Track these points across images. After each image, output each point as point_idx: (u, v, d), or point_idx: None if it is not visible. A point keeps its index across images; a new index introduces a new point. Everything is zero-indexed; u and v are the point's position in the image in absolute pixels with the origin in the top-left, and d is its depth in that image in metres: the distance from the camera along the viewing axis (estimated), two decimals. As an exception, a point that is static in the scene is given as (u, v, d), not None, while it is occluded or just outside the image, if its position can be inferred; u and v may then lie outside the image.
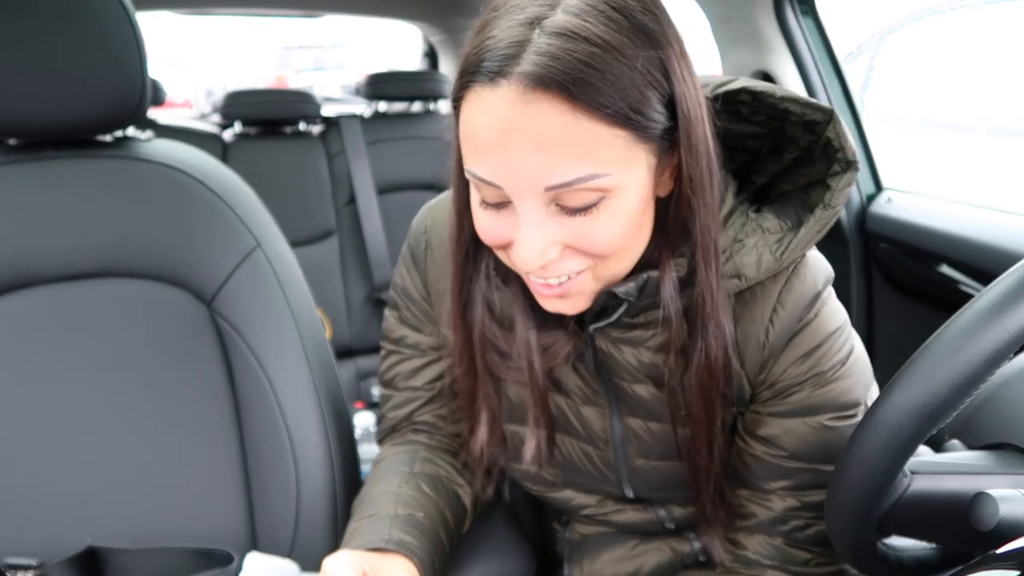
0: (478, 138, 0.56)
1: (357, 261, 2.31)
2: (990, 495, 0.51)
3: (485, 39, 0.55)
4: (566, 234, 0.58)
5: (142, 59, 0.89)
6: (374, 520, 0.73)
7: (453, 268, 0.71)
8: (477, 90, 0.55)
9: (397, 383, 0.85)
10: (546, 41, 0.52)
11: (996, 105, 2.95)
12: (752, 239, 0.65)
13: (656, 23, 0.56)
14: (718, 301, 0.63)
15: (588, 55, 0.52)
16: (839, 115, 0.63)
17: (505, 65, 0.53)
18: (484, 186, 0.58)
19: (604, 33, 0.53)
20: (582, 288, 0.63)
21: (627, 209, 0.58)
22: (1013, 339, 0.48)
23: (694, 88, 0.58)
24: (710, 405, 0.67)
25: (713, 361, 0.65)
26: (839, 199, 0.64)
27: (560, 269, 0.60)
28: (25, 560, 0.80)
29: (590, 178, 0.55)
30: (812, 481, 0.69)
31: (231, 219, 0.93)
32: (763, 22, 1.63)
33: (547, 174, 0.54)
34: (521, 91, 0.52)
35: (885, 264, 1.57)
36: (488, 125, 0.54)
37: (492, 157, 0.55)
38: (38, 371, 0.87)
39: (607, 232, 0.58)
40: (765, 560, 0.72)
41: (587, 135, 0.53)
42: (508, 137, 0.54)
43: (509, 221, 0.59)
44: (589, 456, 0.78)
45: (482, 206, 0.61)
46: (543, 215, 0.57)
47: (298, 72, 8.58)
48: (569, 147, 0.53)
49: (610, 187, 0.56)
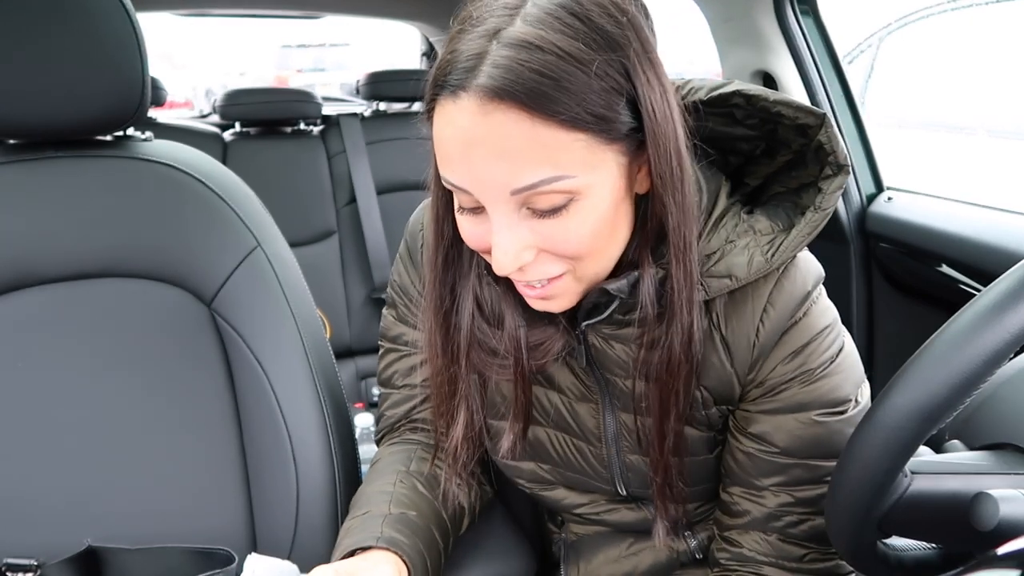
0: (446, 148, 0.58)
1: (357, 261, 2.31)
2: (990, 495, 0.51)
3: (449, 52, 0.57)
4: (538, 238, 0.59)
5: (142, 59, 0.89)
6: (367, 518, 0.73)
7: (431, 273, 0.71)
8: (442, 103, 0.56)
9: (395, 381, 0.85)
10: (502, 53, 0.54)
11: (996, 106, 2.95)
12: (744, 240, 0.66)
13: (616, 26, 0.56)
14: (687, 299, 0.64)
15: (542, 64, 0.53)
16: (831, 119, 0.64)
17: (465, 79, 0.55)
18: (459, 192, 0.60)
19: (560, 40, 0.54)
20: (564, 290, 0.64)
21: (598, 209, 0.59)
22: (1013, 339, 0.48)
23: (659, 87, 0.58)
24: (665, 399, 0.68)
25: (673, 356, 0.65)
26: (830, 202, 0.65)
27: (537, 272, 0.61)
28: (25, 560, 0.80)
29: (554, 180, 0.56)
30: (804, 477, 0.70)
31: (231, 219, 0.93)
32: (763, 22, 1.63)
33: (511, 179, 0.56)
34: (479, 103, 0.54)
35: (885, 264, 1.57)
36: (452, 136, 0.56)
37: (459, 166, 0.57)
38: (38, 371, 0.87)
39: (579, 233, 0.59)
40: (761, 556, 0.72)
41: (547, 141, 0.54)
42: (471, 147, 0.55)
43: (486, 227, 0.60)
44: (583, 453, 0.78)
45: (459, 211, 0.62)
46: (514, 219, 0.58)
47: (298, 72, 8.58)
48: (530, 153, 0.55)
49: (576, 189, 0.57)
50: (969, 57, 2.87)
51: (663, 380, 0.67)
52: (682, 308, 0.64)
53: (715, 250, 0.66)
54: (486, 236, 0.60)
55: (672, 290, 0.63)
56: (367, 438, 1.56)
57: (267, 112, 2.34)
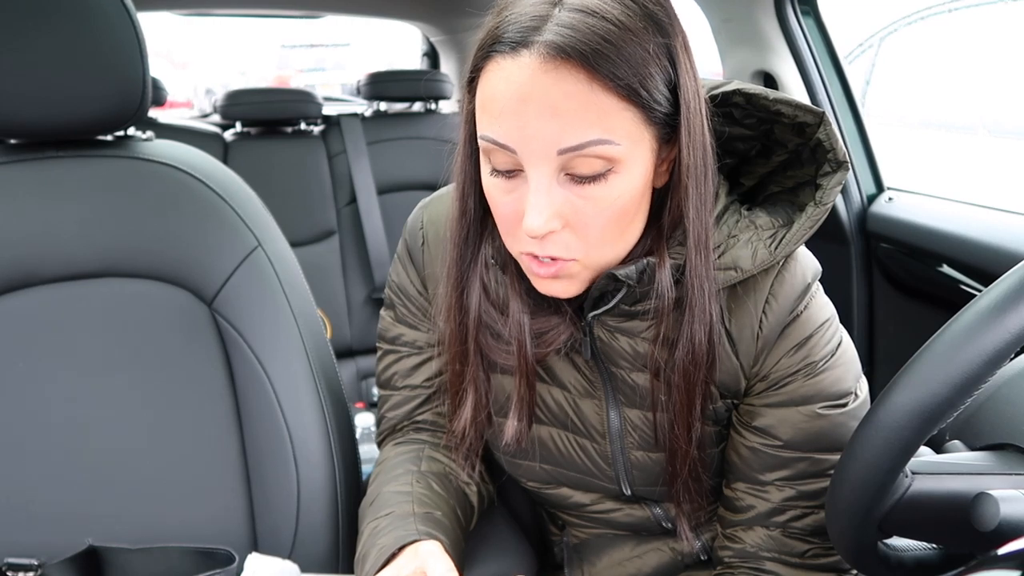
0: (497, 104, 0.59)
1: (358, 261, 2.31)
2: (991, 495, 0.51)
3: (508, 14, 0.59)
4: (569, 208, 0.60)
5: (143, 59, 0.89)
6: (394, 518, 0.73)
7: (453, 249, 0.72)
8: (498, 60, 0.58)
9: (395, 382, 0.85)
10: (567, 15, 0.56)
11: (997, 105, 2.95)
12: (746, 235, 0.68)
13: (665, 15, 0.60)
14: (707, 290, 0.66)
15: (606, 31, 0.56)
16: (829, 116, 0.65)
17: (527, 36, 0.57)
18: (497, 151, 0.60)
19: (620, 14, 0.57)
20: (574, 274, 0.65)
21: (629, 187, 0.60)
22: (1014, 339, 0.48)
23: (695, 80, 0.62)
24: (691, 391, 0.69)
25: (698, 346, 0.67)
26: (830, 196, 0.66)
27: (555, 247, 0.62)
28: (25, 560, 0.80)
29: (600, 143, 0.57)
30: (808, 470, 0.71)
31: (232, 219, 0.93)
32: (764, 22, 1.63)
33: (561, 138, 0.57)
34: (541, 60, 0.56)
35: (886, 264, 1.57)
36: (507, 92, 0.58)
37: (510, 122, 0.58)
38: (39, 371, 0.87)
39: (609, 208, 0.60)
40: (763, 552, 0.73)
41: (601, 104, 0.57)
42: (526, 103, 0.57)
43: (518, 193, 0.61)
44: (586, 451, 0.78)
45: (493, 175, 0.63)
46: (552, 182, 0.59)
47: (299, 72, 8.57)
48: (584, 113, 0.56)
49: (618, 157, 0.58)
50: (969, 57, 2.87)
51: (689, 372, 0.68)
52: (704, 297, 0.65)
53: (718, 244, 0.68)
54: (517, 203, 0.61)
55: (692, 281, 0.65)
56: (368, 438, 1.56)
57: (268, 112, 2.34)
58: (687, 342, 0.67)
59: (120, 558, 0.83)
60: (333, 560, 0.90)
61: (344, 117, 2.40)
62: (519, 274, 0.70)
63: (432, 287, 0.80)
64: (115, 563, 0.83)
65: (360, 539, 0.75)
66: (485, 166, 0.64)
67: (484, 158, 0.63)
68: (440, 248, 0.78)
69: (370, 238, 2.28)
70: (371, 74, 2.50)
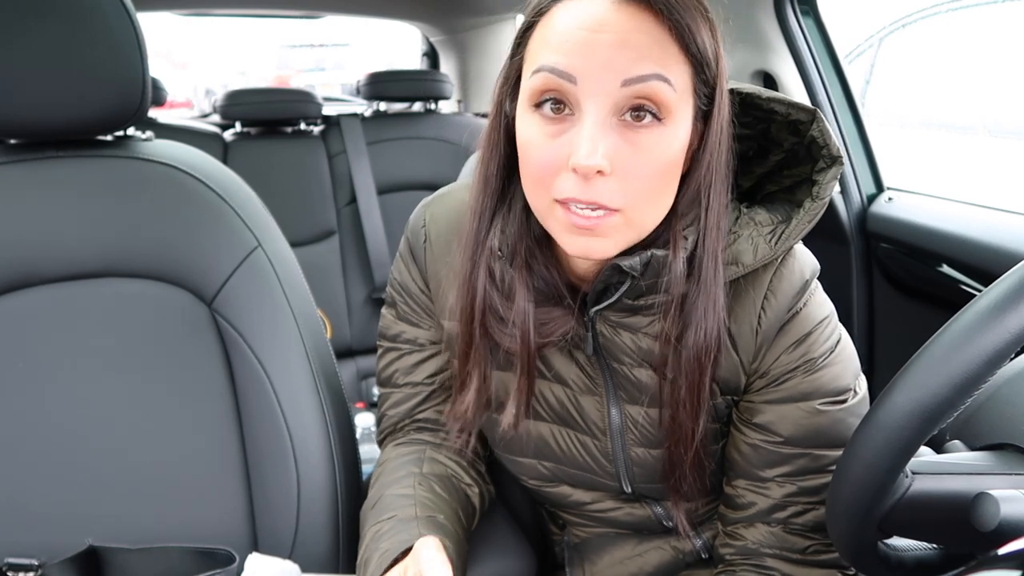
0: (565, 36, 0.60)
1: (358, 261, 2.31)
2: (991, 495, 0.51)
3: None
4: (619, 154, 0.60)
5: (143, 59, 0.89)
6: (396, 522, 0.73)
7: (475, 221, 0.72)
8: (567, 3, 0.61)
9: (396, 380, 0.85)
10: None
11: (997, 105, 2.95)
12: (746, 231, 0.69)
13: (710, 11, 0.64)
14: (718, 283, 0.66)
15: None
16: (822, 114, 0.68)
17: None
18: (554, 81, 0.60)
19: None
20: (612, 229, 0.62)
21: (675, 144, 0.62)
22: (1014, 339, 0.48)
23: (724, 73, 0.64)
24: (700, 384, 0.69)
25: (708, 337, 0.67)
26: (827, 191, 0.68)
27: (600, 192, 0.60)
28: (25, 560, 0.80)
29: (661, 79, 0.59)
30: (808, 466, 0.71)
31: (232, 219, 0.93)
32: (763, 22, 1.63)
33: (628, 68, 0.59)
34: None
35: (886, 264, 1.57)
36: (578, 23, 0.60)
37: (577, 51, 0.60)
38: (39, 371, 0.87)
39: (654, 158, 0.61)
40: (765, 549, 0.73)
41: (667, 48, 0.60)
42: (598, 32, 0.59)
43: (566, 136, 0.61)
44: (587, 448, 0.78)
45: (539, 118, 0.62)
46: (607, 121, 0.60)
47: (298, 72, 8.57)
48: (652, 49, 0.59)
49: (670, 105, 0.60)
50: (969, 57, 2.87)
51: (698, 365, 0.68)
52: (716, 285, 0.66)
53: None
54: (561, 147, 0.61)
55: (705, 274, 0.66)
56: (368, 438, 1.56)
57: (268, 112, 2.34)
58: (699, 335, 0.67)
59: (120, 558, 0.83)
60: (333, 560, 0.90)
61: (344, 117, 2.40)
62: (527, 264, 0.70)
63: (434, 285, 0.80)
64: (115, 563, 0.83)
65: (362, 543, 0.75)
66: (528, 114, 0.63)
67: (528, 105, 0.63)
68: (442, 247, 0.78)
69: (370, 238, 2.27)
70: (371, 74, 2.50)
